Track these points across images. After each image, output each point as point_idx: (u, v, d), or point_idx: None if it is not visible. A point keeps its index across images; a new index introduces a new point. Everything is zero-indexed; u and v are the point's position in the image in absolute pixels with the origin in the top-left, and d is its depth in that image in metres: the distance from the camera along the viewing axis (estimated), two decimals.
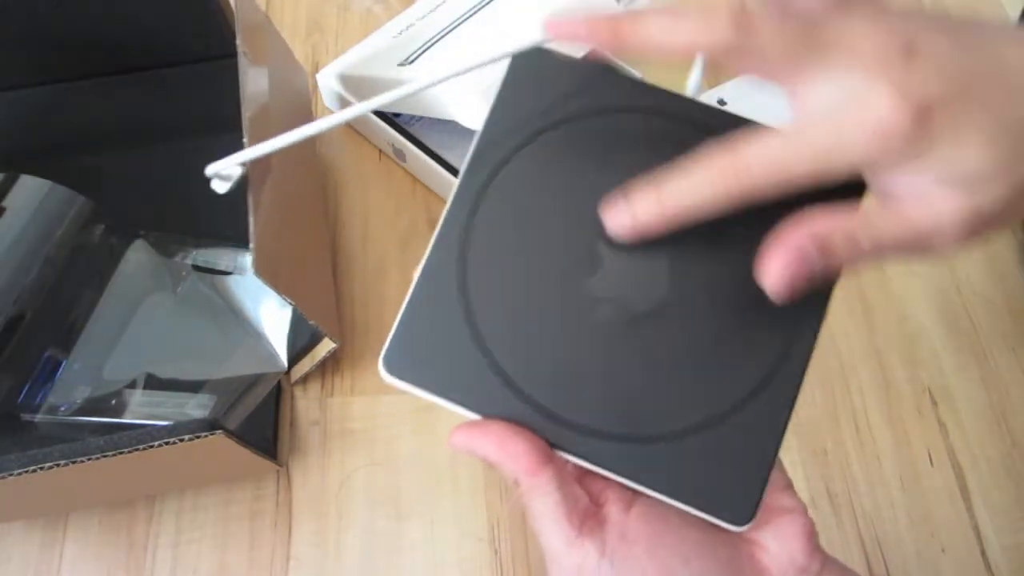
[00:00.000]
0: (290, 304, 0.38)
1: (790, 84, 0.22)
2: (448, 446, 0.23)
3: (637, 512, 0.24)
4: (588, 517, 0.23)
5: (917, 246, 0.22)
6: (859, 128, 0.21)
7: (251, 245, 0.35)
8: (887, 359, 0.49)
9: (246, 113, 0.37)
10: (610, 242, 0.25)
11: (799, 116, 0.22)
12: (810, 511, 0.25)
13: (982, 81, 0.21)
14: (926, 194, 0.22)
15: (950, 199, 0.21)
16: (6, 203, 0.44)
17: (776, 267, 0.22)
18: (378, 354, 0.24)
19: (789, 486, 0.26)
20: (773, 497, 0.25)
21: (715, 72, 0.50)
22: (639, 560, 0.23)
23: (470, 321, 0.24)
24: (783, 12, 0.22)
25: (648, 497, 0.24)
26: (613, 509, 0.24)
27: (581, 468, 0.25)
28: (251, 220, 0.35)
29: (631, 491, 0.24)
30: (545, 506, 0.23)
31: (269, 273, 0.35)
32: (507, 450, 0.23)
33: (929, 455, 0.46)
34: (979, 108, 0.21)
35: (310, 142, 0.53)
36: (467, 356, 0.24)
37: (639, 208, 0.23)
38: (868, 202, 0.23)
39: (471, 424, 0.24)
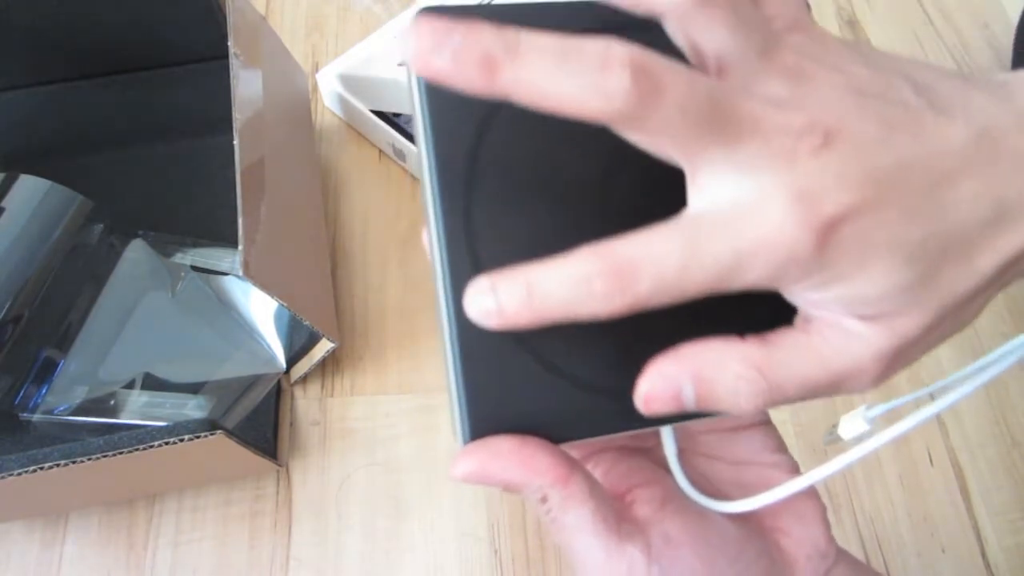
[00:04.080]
0: (282, 305, 0.38)
1: (689, 165, 0.18)
2: (453, 478, 0.20)
3: (673, 509, 0.22)
4: (624, 520, 0.21)
5: (828, 390, 0.19)
6: (756, 245, 0.17)
7: (240, 247, 0.35)
8: None
9: (237, 115, 0.37)
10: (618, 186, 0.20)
11: (696, 211, 0.18)
12: None
13: (907, 177, 0.17)
14: (839, 323, 0.19)
15: (864, 332, 0.18)
16: (5, 203, 0.44)
17: (642, 391, 0.19)
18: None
19: (797, 468, 0.25)
20: (785, 480, 0.24)
21: None
22: (687, 563, 0.21)
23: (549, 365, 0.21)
24: (698, 55, 0.18)
25: (682, 494, 0.23)
26: (647, 509, 0.22)
27: (609, 466, 0.24)
28: (240, 221, 0.35)
29: (662, 487, 0.23)
30: (581, 518, 0.20)
31: (259, 274, 0.35)
32: (531, 467, 0.20)
33: (929, 455, 0.46)
34: (896, 217, 0.17)
35: (310, 142, 0.53)
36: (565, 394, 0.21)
37: (504, 300, 0.18)
38: (778, 331, 0.20)
39: (474, 448, 0.20)
